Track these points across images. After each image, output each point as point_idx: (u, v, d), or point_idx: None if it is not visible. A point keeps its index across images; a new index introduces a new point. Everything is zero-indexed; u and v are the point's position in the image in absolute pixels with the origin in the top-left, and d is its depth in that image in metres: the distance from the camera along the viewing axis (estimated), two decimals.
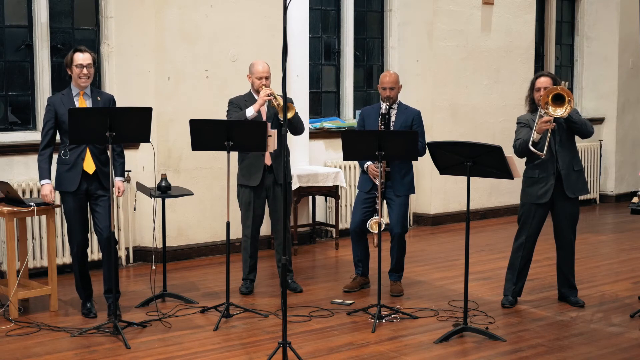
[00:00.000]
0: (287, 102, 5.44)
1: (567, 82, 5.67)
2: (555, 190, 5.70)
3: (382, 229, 5.72)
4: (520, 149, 5.67)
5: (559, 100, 5.42)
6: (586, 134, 5.70)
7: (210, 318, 5.57)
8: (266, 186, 6.14)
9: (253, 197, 6.12)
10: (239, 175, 6.18)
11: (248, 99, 6.11)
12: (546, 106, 5.44)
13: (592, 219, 9.95)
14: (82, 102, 5.46)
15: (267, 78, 6.04)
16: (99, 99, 5.51)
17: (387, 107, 6.06)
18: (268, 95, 5.89)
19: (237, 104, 6.11)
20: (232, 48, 7.40)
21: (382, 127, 6.02)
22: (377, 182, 5.95)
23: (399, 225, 6.10)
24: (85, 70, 5.39)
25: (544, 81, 5.68)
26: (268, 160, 6.10)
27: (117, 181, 5.58)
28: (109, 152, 5.35)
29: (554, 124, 5.50)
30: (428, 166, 6.80)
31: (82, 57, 5.40)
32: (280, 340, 4.51)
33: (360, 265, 6.32)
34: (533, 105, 5.76)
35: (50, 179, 5.48)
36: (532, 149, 5.53)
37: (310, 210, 8.21)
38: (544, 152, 5.52)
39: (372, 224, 5.97)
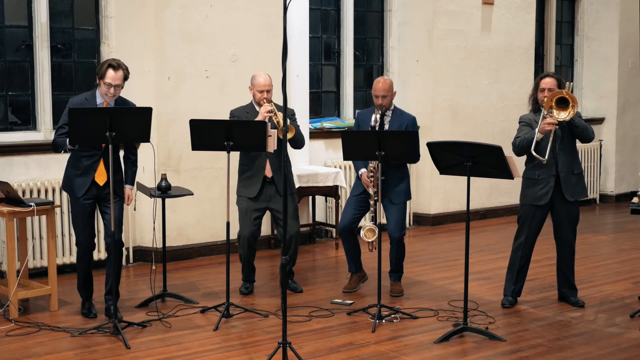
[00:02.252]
0: (287, 124, 5.35)
1: (571, 84, 5.67)
2: (555, 192, 5.69)
3: (376, 236, 5.73)
4: (520, 147, 5.66)
5: (562, 103, 5.42)
6: (587, 138, 5.69)
7: (210, 318, 5.57)
8: (266, 198, 6.08)
9: (251, 205, 6.07)
10: (239, 186, 6.13)
11: (249, 111, 6.09)
12: (550, 109, 5.43)
13: (592, 219, 9.94)
14: None
15: (268, 91, 6.00)
16: None
17: (379, 117, 5.93)
18: (268, 112, 5.87)
19: (238, 115, 6.08)
20: (232, 48, 7.40)
21: None
22: (371, 191, 5.92)
23: (397, 229, 6.07)
24: (112, 90, 5.32)
25: (548, 82, 5.66)
26: (269, 172, 6.07)
27: (127, 189, 5.58)
28: (121, 153, 5.42)
29: (557, 125, 5.51)
30: (428, 166, 6.80)
31: (113, 76, 5.28)
32: (280, 340, 4.51)
33: (351, 263, 6.26)
34: (536, 105, 5.75)
35: None
36: (533, 153, 5.53)
37: (310, 210, 8.21)
38: (546, 157, 5.52)
39: (366, 232, 5.84)
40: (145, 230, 7.13)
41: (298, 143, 6.11)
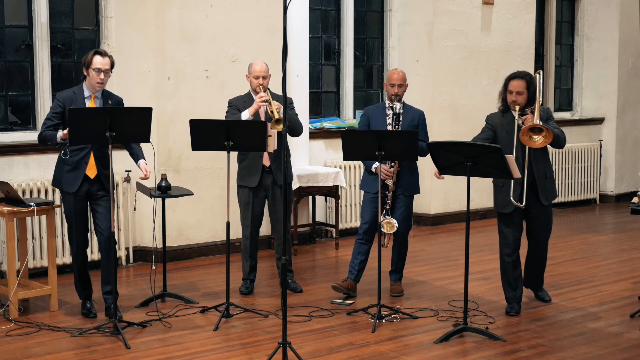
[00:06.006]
0: (281, 117, 5.45)
1: (540, 72, 5.68)
2: (530, 198, 5.62)
3: (394, 230, 5.72)
4: None
5: (536, 128, 5.37)
6: (559, 146, 5.62)
7: (210, 318, 5.57)
8: (265, 187, 6.14)
9: (252, 197, 6.13)
10: (238, 175, 6.18)
11: (247, 100, 6.11)
12: (531, 139, 5.38)
13: (592, 219, 9.94)
14: (93, 105, 5.43)
15: (264, 78, 6.02)
16: (109, 102, 5.49)
17: (400, 107, 6.00)
18: (263, 101, 5.88)
19: (236, 105, 6.10)
20: (232, 48, 7.40)
21: (397, 127, 5.98)
22: (389, 182, 5.92)
23: (403, 224, 6.09)
24: (102, 75, 5.35)
25: (516, 85, 5.56)
26: (267, 161, 6.10)
27: (142, 163, 5.56)
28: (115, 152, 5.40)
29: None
30: (428, 166, 6.79)
31: (101, 62, 5.35)
32: (280, 340, 4.51)
33: (356, 270, 6.10)
34: (504, 104, 5.68)
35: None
36: (513, 201, 5.58)
37: (310, 210, 8.21)
38: (523, 204, 5.56)
39: (384, 225, 5.86)
40: (145, 230, 7.13)
41: (294, 131, 6.12)
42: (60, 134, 5.31)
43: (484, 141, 5.55)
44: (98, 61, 5.35)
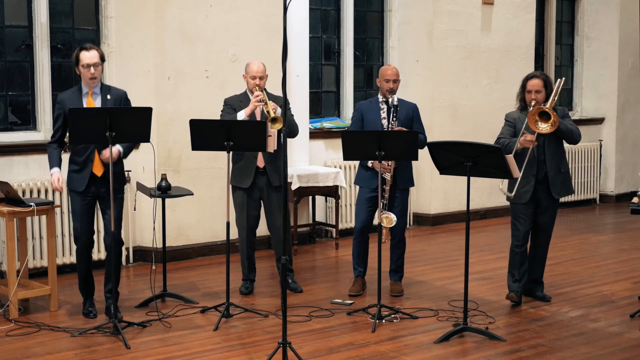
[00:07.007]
0: (277, 115, 5.48)
1: (562, 80, 5.78)
2: (541, 190, 5.76)
3: (393, 224, 5.73)
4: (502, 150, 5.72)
5: (545, 115, 5.51)
6: (572, 141, 5.79)
7: (210, 318, 5.57)
8: (259, 188, 6.12)
9: (246, 198, 6.11)
10: (232, 176, 6.15)
11: (243, 99, 6.09)
12: (535, 123, 5.50)
13: (592, 219, 9.94)
14: (91, 101, 5.40)
15: (261, 78, 6.00)
16: (109, 97, 5.42)
17: (397, 99, 6.02)
18: (259, 101, 5.87)
19: (232, 104, 6.09)
20: (232, 48, 7.40)
21: (394, 119, 5.99)
22: (387, 176, 5.94)
23: (401, 220, 6.09)
24: (92, 70, 5.30)
25: (534, 84, 5.73)
26: (261, 163, 6.08)
27: (115, 147, 5.30)
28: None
29: (536, 142, 5.62)
30: (428, 166, 6.80)
31: (89, 56, 5.30)
32: (280, 340, 4.51)
33: (361, 265, 6.24)
34: (523, 104, 5.85)
35: (60, 167, 5.43)
36: (499, 187, 5.75)
37: (310, 210, 8.21)
38: (513, 193, 5.68)
39: (383, 219, 5.87)
40: (145, 230, 7.12)
41: (290, 133, 6.10)
42: (53, 177, 5.37)
43: (509, 137, 5.78)
44: (85, 57, 5.31)
